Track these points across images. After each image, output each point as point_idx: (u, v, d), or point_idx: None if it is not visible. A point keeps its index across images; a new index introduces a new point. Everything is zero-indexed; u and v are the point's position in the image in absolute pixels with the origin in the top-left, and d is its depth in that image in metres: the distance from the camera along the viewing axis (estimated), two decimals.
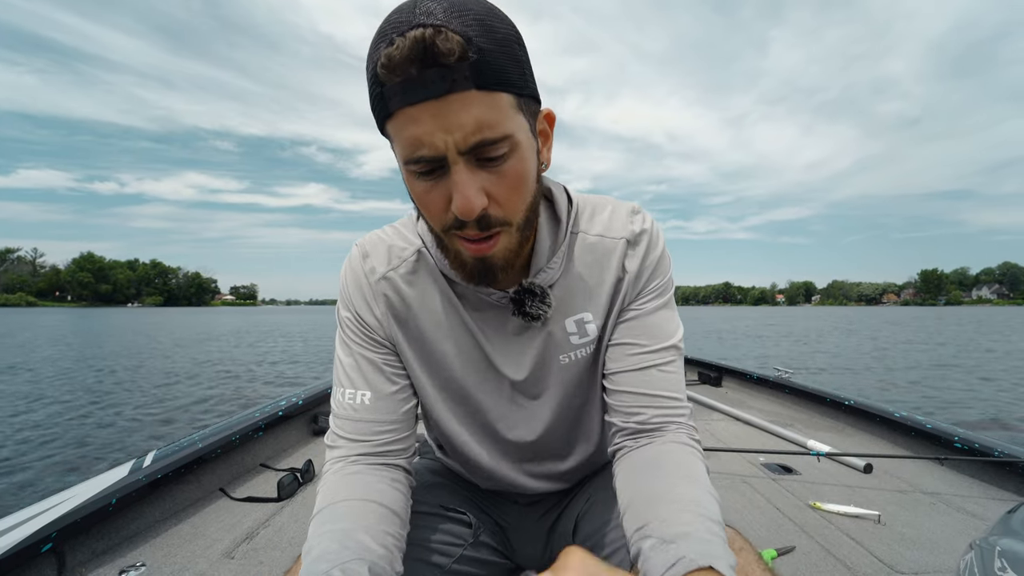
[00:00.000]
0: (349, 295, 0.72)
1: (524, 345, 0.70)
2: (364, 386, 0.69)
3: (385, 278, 0.70)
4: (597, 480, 0.83)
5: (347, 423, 0.68)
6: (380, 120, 0.52)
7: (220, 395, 6.36)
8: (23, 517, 1.08)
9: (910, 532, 1.26)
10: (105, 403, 5.82)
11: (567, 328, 0.69)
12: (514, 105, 0.52)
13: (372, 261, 0.72)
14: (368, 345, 0.71)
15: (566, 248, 0.68)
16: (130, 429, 4.62)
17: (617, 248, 0.69)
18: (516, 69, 0.51)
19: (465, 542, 0.77)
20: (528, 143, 0.55)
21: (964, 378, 7.99)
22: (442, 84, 0.46)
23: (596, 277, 0.69)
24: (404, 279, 0.70)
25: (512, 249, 0.58)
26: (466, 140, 0.48)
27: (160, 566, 1.12)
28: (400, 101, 0.48)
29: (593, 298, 0.69)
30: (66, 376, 7.99)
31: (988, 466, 1.58)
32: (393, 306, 0.71)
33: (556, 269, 0.68)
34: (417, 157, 0.50)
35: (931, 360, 10.56)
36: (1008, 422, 4.88)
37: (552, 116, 0.60)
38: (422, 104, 0.47)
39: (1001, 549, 0.67)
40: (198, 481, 1.50)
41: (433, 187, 0.52)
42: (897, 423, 1.96)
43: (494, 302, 0.68)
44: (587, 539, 0.75)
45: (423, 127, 0.48)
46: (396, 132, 0.51)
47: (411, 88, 0.47)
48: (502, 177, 0.52)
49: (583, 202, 0.72)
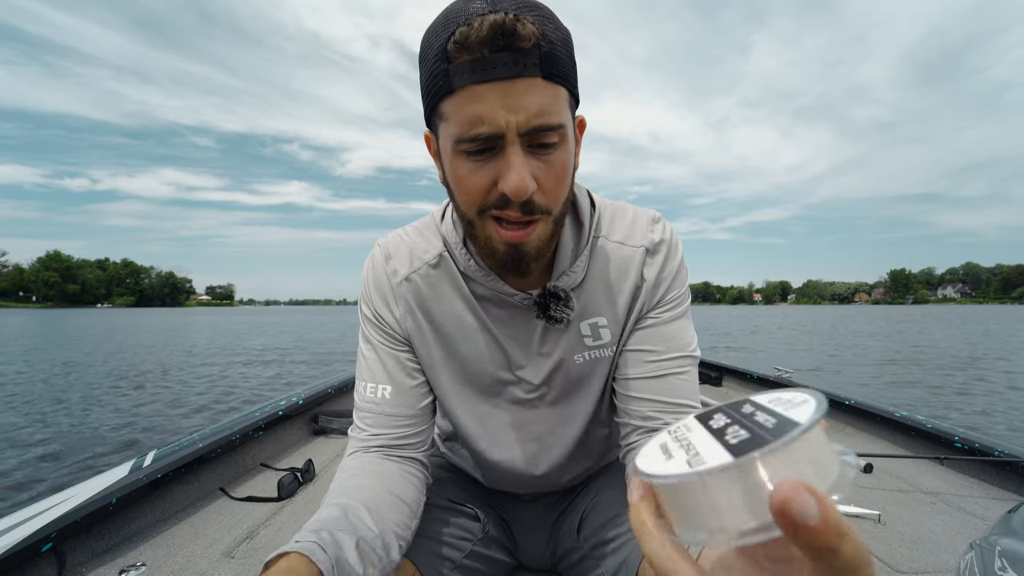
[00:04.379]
0: (370, 294, 0.74)
1: (542, 346, 0.72)
2: (386, 380, 0.71)
3: (407, 280, 0.72)
4: (602, 479, 0.84)
5: (368, 415, 0.71)
6: (436, 99, 0.53)
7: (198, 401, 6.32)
8: (23, 517, 1.08)
9: (910, 532, 1.26)
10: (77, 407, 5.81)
11: (582, 331, 0.70)
12: (567, 101, 0.54)
13: (394, 263, 0.73)
14: (389, 342, 0.73)
15: (588, 252, 0.69)
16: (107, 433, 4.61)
17: (636, 256, 0.70)
18: (573, 69, 0.54)
19: (474, 537, 0.78)
20: (572, 139, 0.57)
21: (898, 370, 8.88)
22: (514, 67, 0.48)
23: (615, 284, 0.70)
24: (425, 281, 0.72)
25: (545, 240, 0.59)
26: (528, 122, 0.50)
27: (160, 566, 1.12)
28: (468, 79, 0.49)
29: (609, 304, 0.70)
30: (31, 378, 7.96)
31: (988, 466, 1.58)
32: (413, 307, 0.72)
33: (579, 273, 0.68)
34: (475, 134, 0.51)
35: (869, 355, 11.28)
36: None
37: (584, 122, 0.62)
38: (491, 84, 0.49)
39: (1001, 549, 0.67)
40: (198, 481, 1.50)
41: (480, 167, 0.54)
42: (897, 423, 1.96)
43: (516, 303, 0.69)
44: (592, 535, 0.76)
45: (487, 105, 0.50)
46: (455, 109, 0.52)
47: (481, 67, 0.49)
48: (551, 167, 0.54)
49: (604, 207, 0.73)
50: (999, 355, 10.89)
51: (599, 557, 0.73)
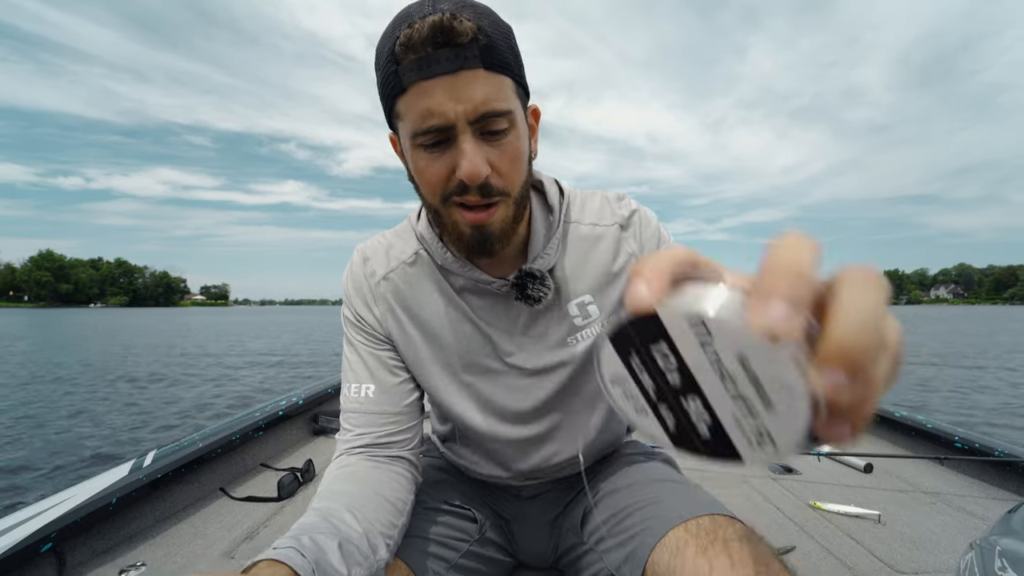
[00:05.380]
0: (350, 297, 0.76)
1: (530, 331, 0.72)
2: (369, 380, 0.73)
3: (385, 279, 0.74)
4: (605, 475, 0.84)
5: (353, 416, 0.71)
6: (391, 98, 0.57)
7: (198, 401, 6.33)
8: (23, 517, 1.08)
9: (910, 532, 1.26)
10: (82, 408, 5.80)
11: (571, 312, 0.73)
12: (513, 89, 0.58)
13: (372, 264, 0.76)
14: (370, 342, 0.74)
15: (560, 236, 0.72)
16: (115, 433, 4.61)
17: (610, 234, 0.73)
18: (515, 60, 0.58)
19: (471, 538, 0.78)
20: (523, 126, 0.61)
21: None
22: (455, 61, 0.52)
23: (592, 261, 0.73)
24: (403, 278, 0.74)
25: (507, 221, 0.62)
26: (476, 110, 0.54)
27: (160, 566, 1.12)
28: (415, 76, 0.53)
29: (592, 282, 0.73)
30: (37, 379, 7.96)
31: (988, 466, 1.59)
32: (393, 305, 0.74)
33: (553, 255, 0.71)
34: (427, 127, 0.55)
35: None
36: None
37: (538, 111, 0.66)
38: (436, 79, 0.53)
39: (1001, 549, 0.67)
40: (198, 481, 1.50)
41: (437, 158, 0.57)
42: (897, 423, 1.96)
43: (495, 290, 0.71)
44: (597, 530, 0.76)
45: (435, 99, 0.53)
46: (408, 106, 0.55)
47: (427, 64, 0.52)
48: (503, 151, 0.58)
49: (574, 195, 0.77)
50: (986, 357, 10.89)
51: (603, 551, 0.73)
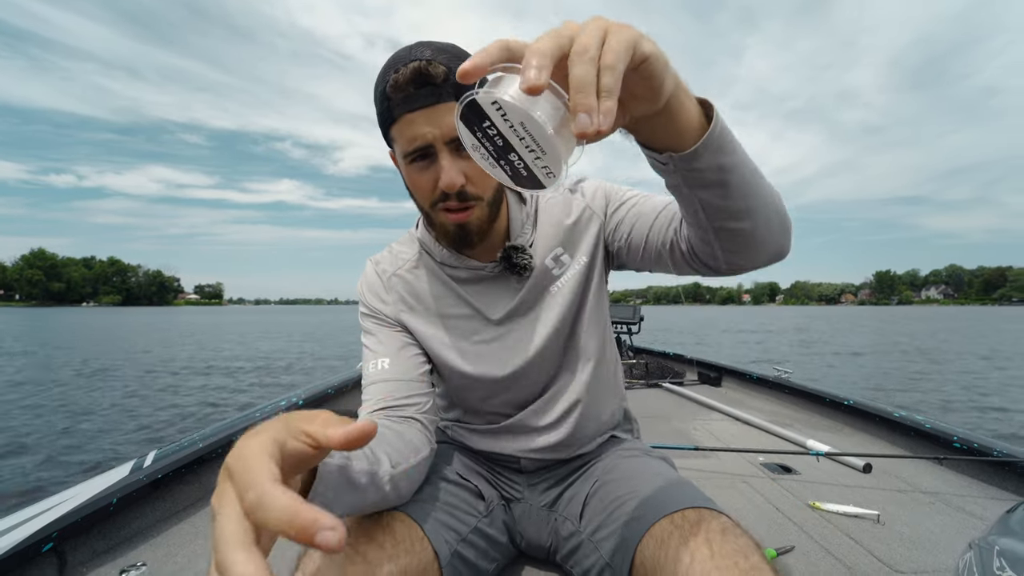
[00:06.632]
0: (365, 295, 0.89)
1: (522, 295, 0.85)
2: (384, 354, 0.83)
3: (395, 275, 0.89)
4: (603, 467, 0.88)
5: (372, 387, 0.80)
6: (386, 127, 0.72)
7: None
8: (23, 517, 1.08)
9: (909, 532, 1.26)
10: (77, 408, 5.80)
11: (547, 266, 0.85)
12: None
13: (383, 266, 0.91)
14: (384, 324, 0.87)
15: (533, 218, 0.88)
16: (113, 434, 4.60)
17: (561, 198, 0.89)
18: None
19: (479, 514, 0.84)
20: None
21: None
22: (433, 97, 0.67)
23: (551, 221, 0.87)
24: (410, 273, 0.89)
25: (484, 219, 0.76)
26: (451, 133, 0.67)
27: (161, 566, 1.13)
28: (403, 109, 0.68)
29: (553, 237, 0.86)
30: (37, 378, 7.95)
31: (987, 466, 1.59)
32: (404, 295, 0.88)
33: (529, 234, 0.86)
34: (413, 148, 0.70)
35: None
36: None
37: None
38: (419, 111, 0.67)
39: (1000, 549, 0.67)
40: (199, 481, 1.50)
41: (424, 172, 0.72)
42: (896, 423, 1.96)
43: (488, 273, 0.85)
44: (596, 515, 0.79)
45: (418, 126, 0.68)
46: (399, 133, 0.71)
47: (412, 100, 0.67)
48: (474, 164, 0.62)
49: None
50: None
51: (598, 541, 0.76)
